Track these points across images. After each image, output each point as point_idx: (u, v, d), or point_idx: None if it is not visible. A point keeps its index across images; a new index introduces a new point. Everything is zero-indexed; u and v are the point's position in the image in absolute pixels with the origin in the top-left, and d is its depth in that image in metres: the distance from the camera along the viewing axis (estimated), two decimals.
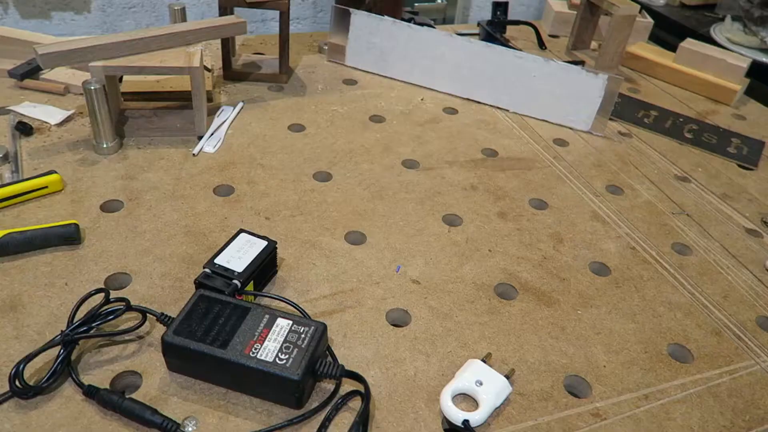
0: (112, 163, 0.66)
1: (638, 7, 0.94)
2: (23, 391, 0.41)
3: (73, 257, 0.54)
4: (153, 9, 1.20)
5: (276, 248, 0.53)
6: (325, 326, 0.45)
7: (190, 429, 0.41)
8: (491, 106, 0.87)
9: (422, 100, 0.87)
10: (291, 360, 0.42)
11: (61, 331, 0.44)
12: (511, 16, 1.13)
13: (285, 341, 0.43)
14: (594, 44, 1.07)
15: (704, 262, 0.62)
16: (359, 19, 0.89)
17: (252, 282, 0.50)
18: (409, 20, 0.96)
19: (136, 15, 1.20)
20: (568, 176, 0.73)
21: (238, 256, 0.51)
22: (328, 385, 0.45)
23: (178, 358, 0.44)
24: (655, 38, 1.14)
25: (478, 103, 0.88)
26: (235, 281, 0.49)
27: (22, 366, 0.41)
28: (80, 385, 0.42)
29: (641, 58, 1.02)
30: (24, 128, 0.69)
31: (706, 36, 1.18)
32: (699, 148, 0.83)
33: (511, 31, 1.13)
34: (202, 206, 0.61)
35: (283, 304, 0.50)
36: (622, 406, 0.46)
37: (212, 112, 0.77)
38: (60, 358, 0.43)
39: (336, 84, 0.88)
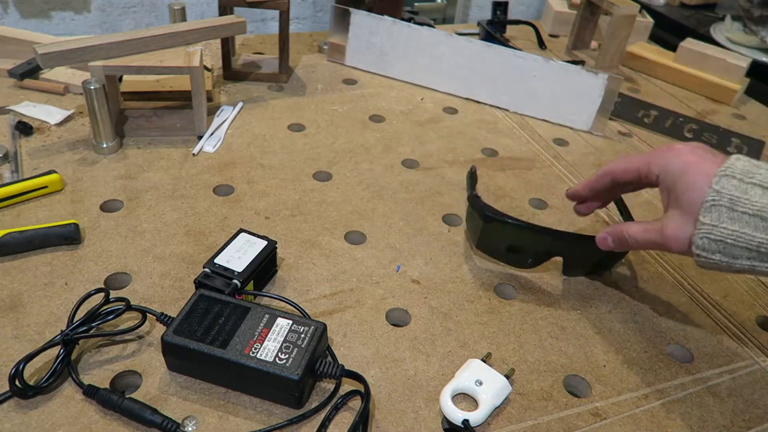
0: (111, 163, 0.66)
1: (638, 6, 0.94)
2: (23, 390, 0.41)
3: (73, 257, 0.54)
4: (153, 9, 1.20)
5: (276, 248, 0.53)
6: (325, 326, 0.45)
7: (190, 429, 0.41)
8: (491, 105, 0.87)
9: (422, 99, 0.87)
10: (291, 360, 0.42)
11: (61, 330, 0.44)
12: (511, 16, 1.13)
13: (285, 341, 0.43)
14: (594, 44, 1.07)
15: None
16: (359, 18, 0.89)
17: (252, 282, 0.50)
18: (408, 20, 0.96)
19: (136, 15, 1.20)
20: (568, 176, 0.73)
21: (238, 256, 0.51)
22: (328, 385, 0.45)
23: (177, 358, 0.44)
24: (655, 38, 1.14)
25: (478, 102, 0.88)
26: (235, 281, 0.49)
27: (21, 366, 0.41)
28: (80, 384, 0.42)
29: (641, 57, 1.03)
30: (24, 128, 0.69)
31: (706, 36, 1.18)
32: None
33: (511, 30, 1.13)
34: (202, 206, 0.61)
35: (283, 304, 0.50)
36: (622, 406, 0.46)
37: (212, 111, 0.77)
38: (60, 358, 0.43)
39: (336, 84, 0.88)
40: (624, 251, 0.54)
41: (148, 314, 0.47)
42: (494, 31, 1.03)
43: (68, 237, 0.54)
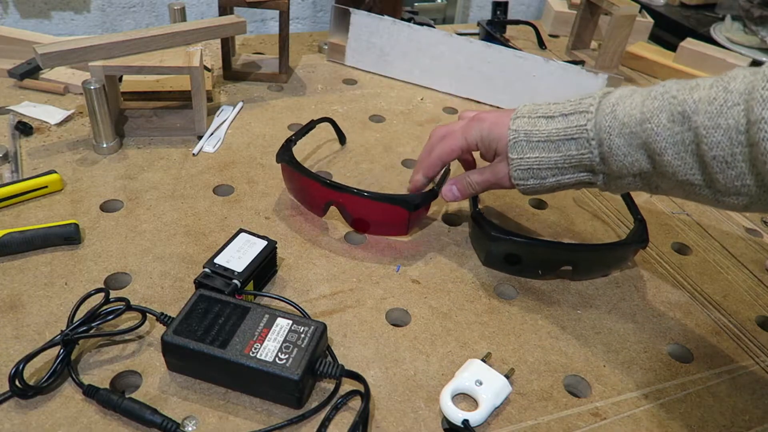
0: (111, 163, 0.66)
1: (638, 6, 0.94)
2: (23, 390, 0.41)
3: (73, 257, 0.54)
4: (153, 9, 1.20)
5: (276, 248, 0.53)
6: (324, 326, 0.45)
7: (189, 429, 0.41)
8: (491, 105, 0.87)
9: (422, 99, 0.87)
10: (291, 360, 0.42)
11: (61, 330, 0.44)
12: (511, 16, 1.13)
13: (285, 341, 0.43)
14: (594, 44, 1.07)
15: (704, 261, 0.62)
16: (359, 18, 0.89)
17: (252, 282, 0.50)
18: (408, 20, 0.96)
19: (136, 15, 1.20)
20: None
21: (238, 256, 0.51)
22: (328, 385, 0.45)
23: (177, 358, 0.44)
24: (655, 38, 1.14)
25: (478, 102, 0.88)
26: (235, 281, 0.49)
27: (21, 366, 0.41)
28: (80, 384, 0.42)
29: (641, 57, 1.03)
30: (24, 128, 0.69)
31: (706, 36, 1.18)
32: None
33: (511, 30, 1.13)
34: (202, 206, 0.61)
35: (282, 304, 0.50)
36: (622, 406, 0.46)
37: (212, 111, 0.77)
38: (60, 358, 0.43)
39: (336, 84, 0.88)
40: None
41: (148, 314, 0.47)
42: (494, 31, 1.03)
43: (68, 237, 0.54)
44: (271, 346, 0.43)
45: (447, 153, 0.56)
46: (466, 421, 0.42)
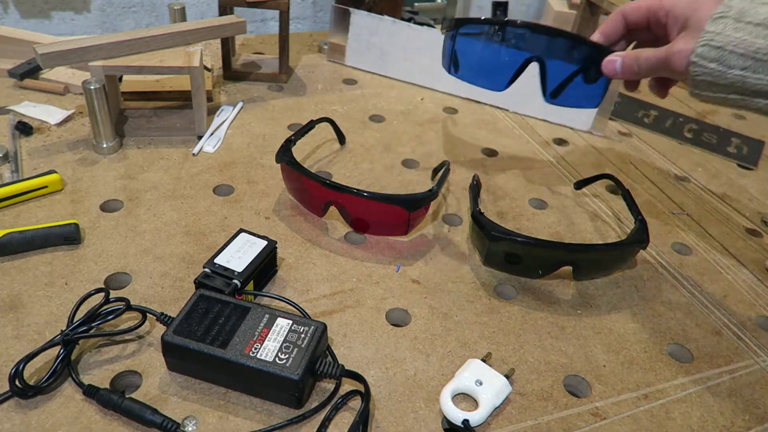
0: (111, 163, 0.66)
1: None
2: (23, 390, 0.41)
3: (73, 257, 0.54)
4: (153, 9, 1.21)
5: (276, 248, 0.53)
6: (325, 326, 0.45)
7: (189, 429, 0.41)
8: (491, 105, 0.87)
9: (422, 99, 0.87)
10: (291, 360, 0.42)
11: (61, 330, 0.44)
12: (511, 16, 1.13)
13: (285, 341, 0.43)
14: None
15: (704, 261, 0.62)
16: (359, 18, 0.89)
17: (252, 282, 0.50)
18: (408, 20, 0.96)
19: (136, 15, 1.20)
20: (568, 176, 0.73)
21: (238, 256, 0.51)
22: (328, 385, 0.45)
23: (177, 358, 0.44)
24: None
25: (478, 102, 0.88)
26: (235, 281, 0.49)
27: (22, 366, 0.41)
28: (80, 384, 0.42)
29: None
30: (24, 128, 0.69)
31: None
32: (699, 147, 0.83)
33: None
34: (202, 206, 0.61)
35: (283, 304, 0.50)
36: (622, 406, 0.46)
37: (212, 111, 0.77)
38: (60, 358, 0.43)
39: (336, 84, 0.88)
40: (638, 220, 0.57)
41: (148, 314, 0.47)
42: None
43: (68, 237, 0.54)
44: (271, 346, 0.43)
45: (630, 6, 0.49)
46: (466, 421, 0.42)
